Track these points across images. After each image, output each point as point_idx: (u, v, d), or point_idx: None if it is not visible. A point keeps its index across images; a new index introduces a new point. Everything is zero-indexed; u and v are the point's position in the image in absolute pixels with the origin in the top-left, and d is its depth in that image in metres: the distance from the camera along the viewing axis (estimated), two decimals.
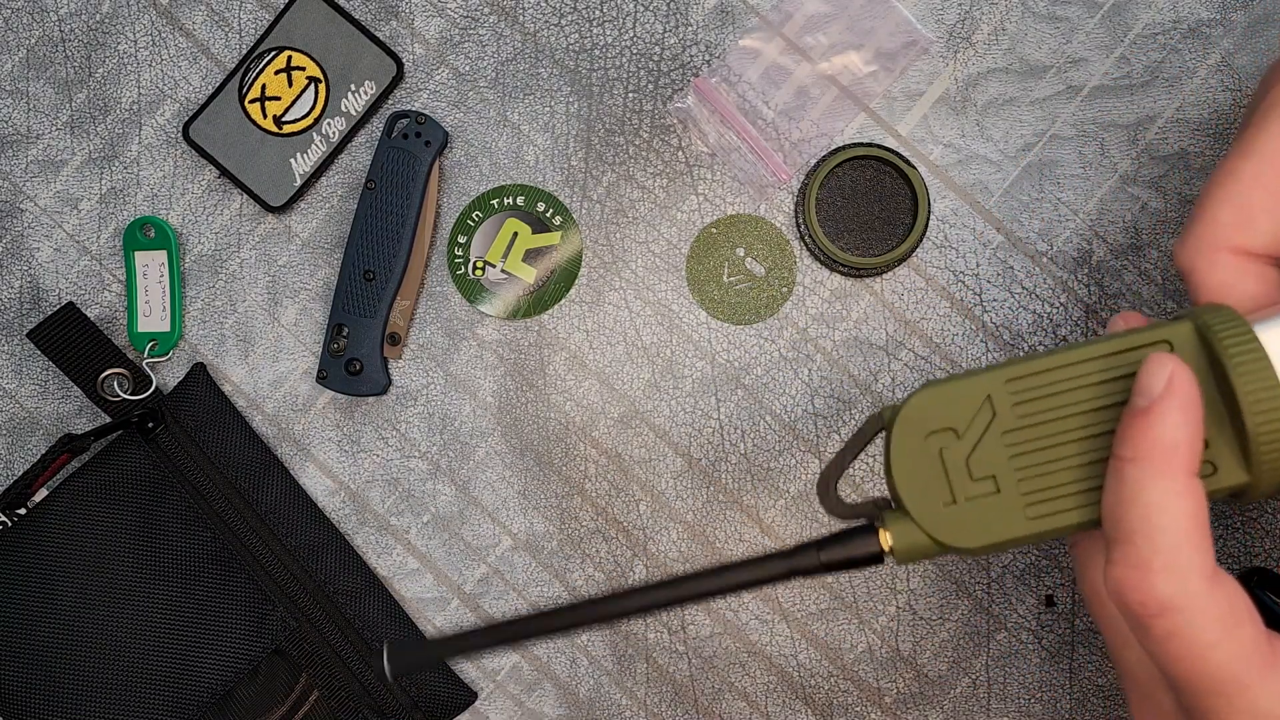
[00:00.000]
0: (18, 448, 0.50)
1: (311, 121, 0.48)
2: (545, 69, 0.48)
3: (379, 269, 0.47)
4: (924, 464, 0.28)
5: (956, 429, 0.28)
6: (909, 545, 0.28)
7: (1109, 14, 0.46)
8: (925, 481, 0.28)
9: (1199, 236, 0.30)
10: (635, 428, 0.48)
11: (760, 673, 0.48)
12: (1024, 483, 0.28)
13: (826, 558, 0.29)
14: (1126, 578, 0.26)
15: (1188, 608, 0.25)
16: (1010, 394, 0.28)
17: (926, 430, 0.29)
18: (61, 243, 0.50)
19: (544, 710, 0.48)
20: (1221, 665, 0.25)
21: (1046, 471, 0.28)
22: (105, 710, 0.46)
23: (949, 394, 0.29)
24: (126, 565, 0.47)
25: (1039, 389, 0.28)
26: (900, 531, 0.29)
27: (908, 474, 0.29)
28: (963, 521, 0.28)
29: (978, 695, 0.47)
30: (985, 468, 0.28)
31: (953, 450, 0.28)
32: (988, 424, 0.28)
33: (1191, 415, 0.26)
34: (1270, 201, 0.29)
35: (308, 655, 0.47)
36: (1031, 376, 0.28)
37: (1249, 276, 0.29)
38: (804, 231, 0.47)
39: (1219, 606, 0.25)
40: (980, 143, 0.47)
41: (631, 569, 0.48)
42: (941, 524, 0.28)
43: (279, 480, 0.48)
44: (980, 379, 0.29)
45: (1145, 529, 0.25)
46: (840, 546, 0.29)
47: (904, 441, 0.29)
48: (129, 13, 0.49)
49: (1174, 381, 0.26)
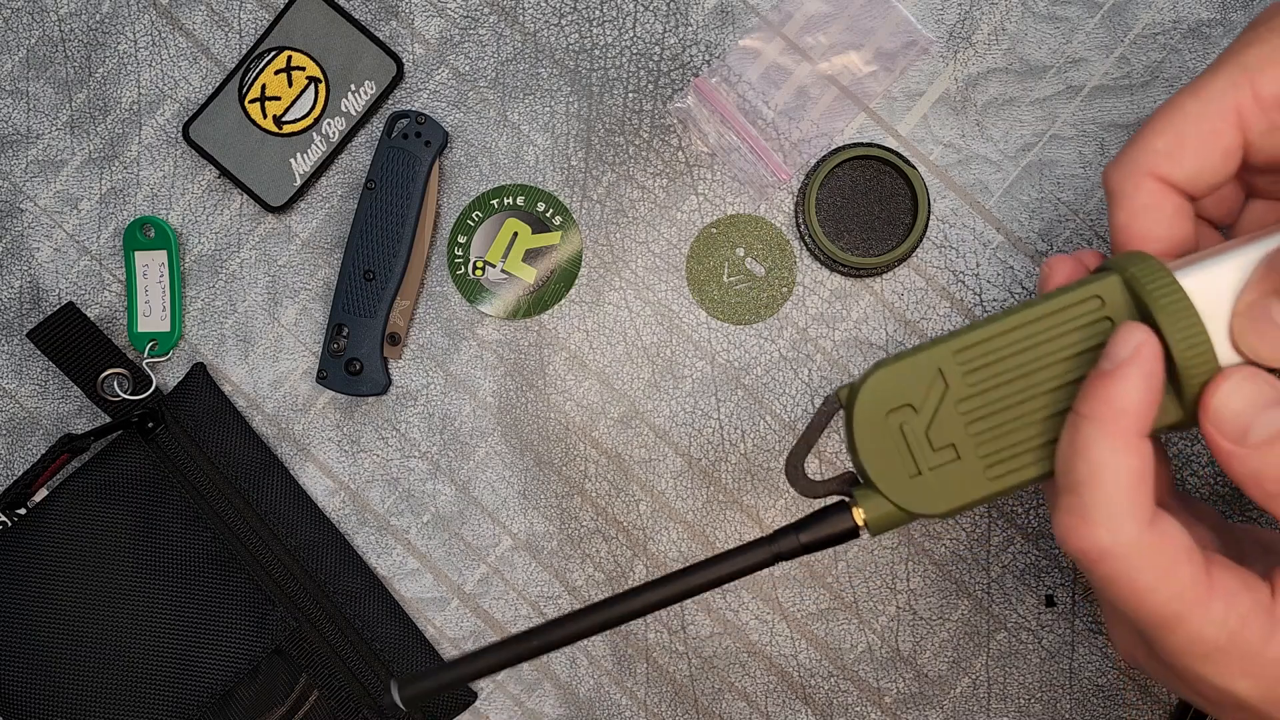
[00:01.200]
0: (18, 448, 0.50)
1: (311, 121, 0.48)
2: (545, 69, 0.48)
3: (379, 269, 0.47)
4: (887, 441, 0.30)
5: (913, 404, 0.30)
6: (880, 517, 0.30)
7: (1109, 14, 0.46)
8: (890, 457, 0.30)
9: (1131, 159, 0.32)
10: (635, 428, 0.48)
11: (760, 673, 0.48)
12: (981, 446, 0.30)
13: (806, 539, 0.30)
14: (1071, 525, 0.28)
15: (1124, 555, 0.27)
16: (959, 364, 0.30)
17: (885, 409, 0.30)
18: (61, 243, 0.50)
19: (544, 710, 0.48)
20: (1160, 605, 0.27)
21: (1001, 433, 0.30)
22: (105, 710, 0.46)
23: (902, 372, 0.30)
24: (126, 565, 0.47)
25: (984, 356, 0.30)
26: (872, 506, 0.30)
27: (873, 452, 0.30)
28: (929, 490, 0.30)
29: (978, 695, 0.47)
30: (944, 437, 0.30)
31: (912, 424, 0.30)
32: (942, 395, 0.30)
33: (1150, 384, 0.28)
34: (1202, 141, 0.31)
35: (308, 655, 0.47)
36: (977, 345, 0.30)
37: (1167, 205, 0.31)
38: (804, 231, 0.47)
39: (1154, 553, 0.27)
40: (980, 143, 0.47)
41: (632, 569, 0.48)
42: (909, 494, 0.30)
43: (279, 480, 0.48)
44: (930, 353, 0.30)
45: (1090, 481, 0.28)
46: (817, 526, 0.30)
47: (865, 422, 0.30)
48: (129, 13, 0.49)
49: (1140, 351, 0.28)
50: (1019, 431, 0.30)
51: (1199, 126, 0.31)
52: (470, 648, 0.49)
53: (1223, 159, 0.31)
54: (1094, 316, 0.30)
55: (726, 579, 0.30)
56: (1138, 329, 0.28)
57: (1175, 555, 0.28)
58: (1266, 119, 0.30)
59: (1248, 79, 0.30)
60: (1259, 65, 0.30)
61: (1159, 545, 0.27)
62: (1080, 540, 0.28)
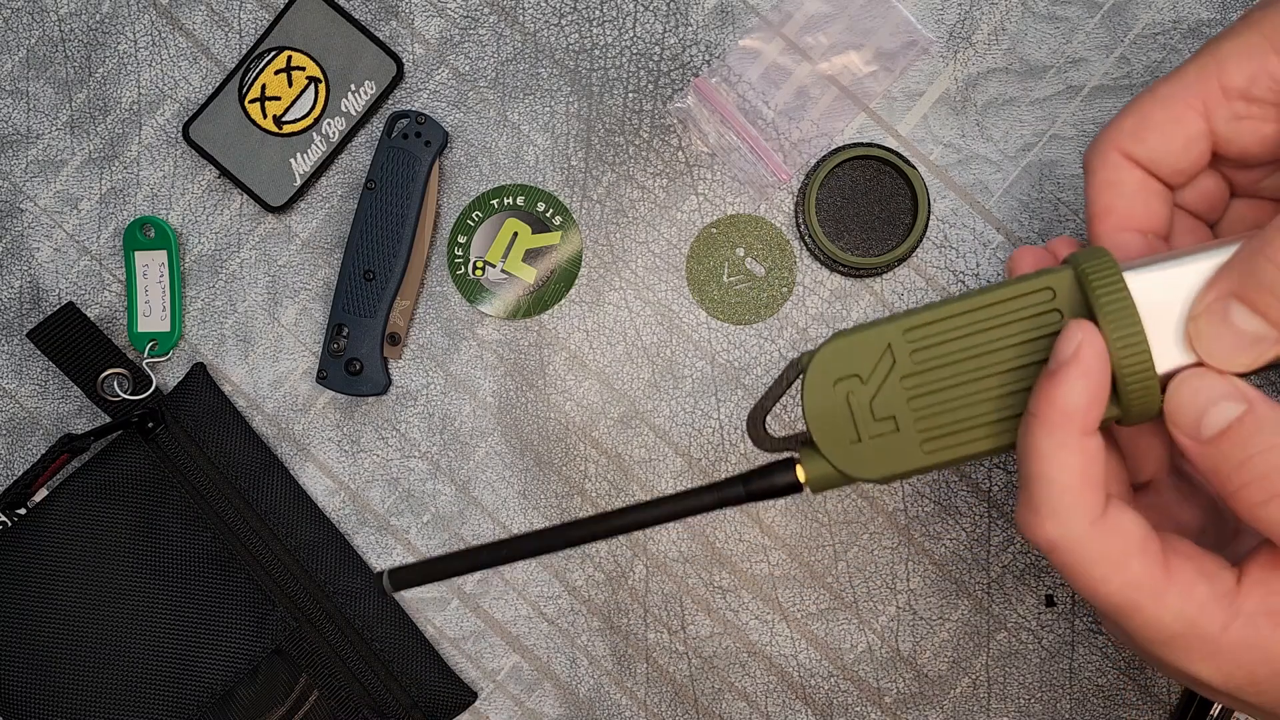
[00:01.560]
0: (18, 448, 0.50)
1: (311, 121, 0.48)
2: (545, 69, 0.48)
3: (379, 269, 0.47)
4: (834, 407, 0.32)
5: (861, 375, 0.32)
6: (820, 477, 0.32)
7: (1109, 14, 0.46)
8: (835, 422, 0.32)
9: (1101, 137, 0.33)
10: (635, 428, 0.48)
11: (760, 673, 0.48)
12: (920, 421, 0.31)
13: (750, 489, 0.32)
14: (1025, 518, 0.29)
15: (1074, 549, 0.29)
16: (908, 342, 0.31)
17: (835, 377, 0.32)
18: (61, 243, 0.50)
19: (544, 710, 0.48)
20: (1113, 595, 0.29)
21: (939, 411, 0.31)
22: (106, 710, 0.46)
23: (854, 344, 0.32)
24: (126, 565, 0.47)
25: (932, 337, 0.31)
26: (813, 466, 0.32)
27: (820, 416, 0.32)
28: (866, 456, 0.32)
29: (978, 695, 0.47)
30: (886, 409, 0.31)
31: (858, 394, 0.32)
32: (889, 370, 0.31)
33: (1092, 383, 0.28)
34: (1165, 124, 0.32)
35: (308, 655, 0.47)
36: (926, 326, 0.31)
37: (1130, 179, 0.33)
38: (804, 231, 0.47)
39: (1104, 546, 0.28)
40: (980, 143, 0.47)
41: (632, 569, 0.48)
42: (848, 459, 0.32)
43: (279, 480, 0.48)
44: (882, 329, 0.31)
45: (1038, 478, 0.29)
46: (762, 479, 0.32)
47: (816, 387, 0.32)
48: (129, 13, 0.49)
49: (1080, 350, 0.29)
50: (957, 411, 0.31)
51: (1165, 110, 0.32)
52: (470, 647, 0.49)
53: (1184, 144, 0.32)
54: (1043, 308, 0.30)
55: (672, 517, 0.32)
56: (1079, 328, 0.29)
57: (1126, 548, 0.29)
58: (1230, 108, 0.31)
59: (1216, 68, 0.31)
60: (1229, 55, 0.31)
61: (1108, 539, 0.29)
62: (1033, 532, 0.29)
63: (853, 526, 0.47)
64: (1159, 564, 0.29)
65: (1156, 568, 0.29)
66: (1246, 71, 0.31)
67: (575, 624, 0.48)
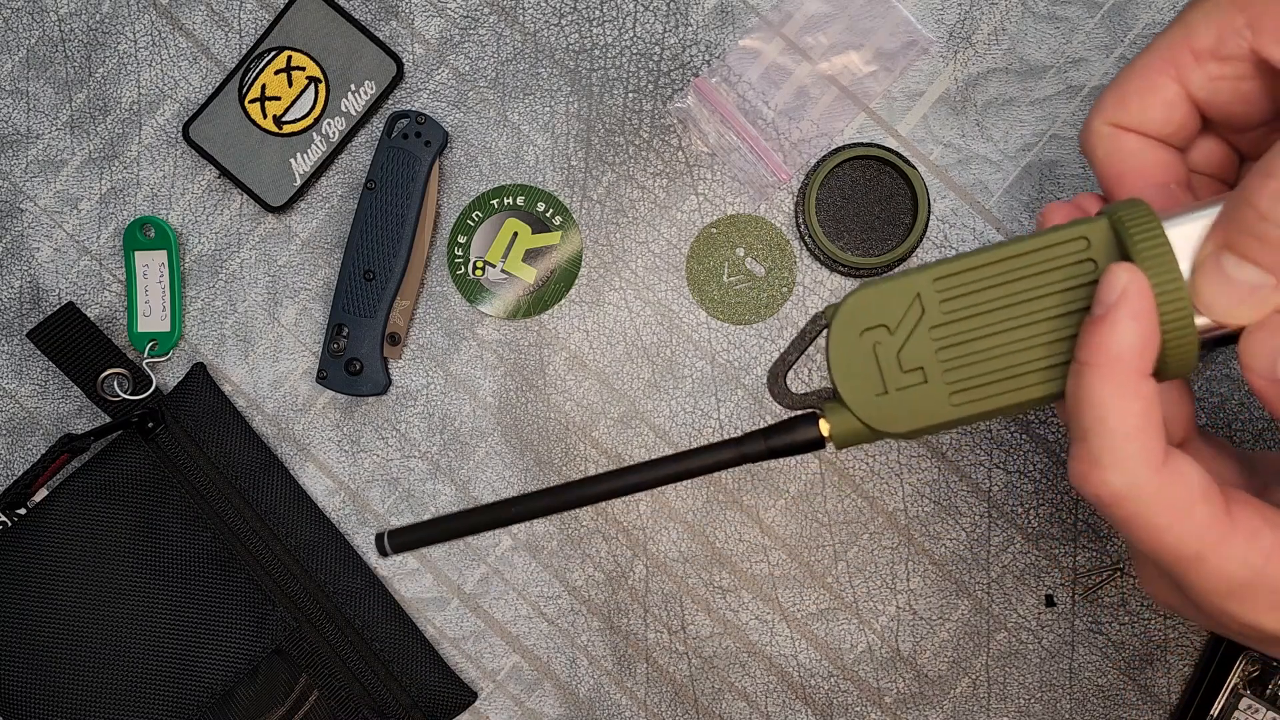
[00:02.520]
0: (18, 448, 0.50)
1: (311, 121, 0.48)
2: (545, 69, 0.48)
3: (379, 269, 0.47)
4: (859, 358, 0.31)
5: (889, 325, 0.31)
6: (845, 431, 0.31)
7: (1109, 14, 0.46)
8: (860, 374, 0.31)
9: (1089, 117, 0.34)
10: (635, 428, 0.48)
11: (760, 673, 0.48)
12: (949, 373, 0.30)
13: (771, 444, 0.31)
14: (1083, 472, 0.28)
15: (1138, 498, 0.28)
16: (937, 292, 0.30)
17: (861, 327, 0.31)
18: (61, 243, 0.50)
19: (544, 710, 0.48)
20: (1177, 543, 0.28)
21: (969, 363, 0.30)
22: (106, 710, 0.46)
23: (882, 293, 0.31)
24: (126, 565, 0.47)
25: (962, 286, 0.30)
26: (837, 419, 0.31)
27: (845, 367, 0.31)
28: (893, 409, 0.31)
29: (978, 695, 0.47)
30: (914, 360, 0.31)
31: (885, 345, 0.31)
32: (917, 320, 0.31)
33: (1143, 324, 0.28)
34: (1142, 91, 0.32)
35: (308, 655, 0.47)
36: (956, 275, 0.30)
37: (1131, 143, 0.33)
38: (804, 231, 0.47)
39: (1169, 494, 0.28)
40: (980, 143, 0.47)
41: (632, 569, 0.48)
42: (874, 412, 0.31)
43: (279, 480, 0.48)
44: (911, 278, 0.31)
45: (1097, 428, 0.28)
46: (784, 434, 0.31)
47: (841, 338, 0.31)
48: (129, 13, 0.49)
49: (1127, 291, 0.28)
50: (987, 363, 0.30)
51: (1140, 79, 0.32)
52: (470, 647, 0.49)
53: (1164, 109, 0.32)
54: (1078, 257, 0.30)
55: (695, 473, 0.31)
56: (1123, 270, 0.28)
57: (1190, 495, 0.28)
58: (1203, 70, 0.32)
59: (1184, 33, 0.31)
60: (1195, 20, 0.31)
61: (1173, 486, 0.28)
62: (1094, 486, 0.28)
63: (853, 526, 0.47)
64: (1223, 511, 0.28)
65: (1221, 514, 0.28)
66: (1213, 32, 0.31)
67: (575, 624, 0.48)
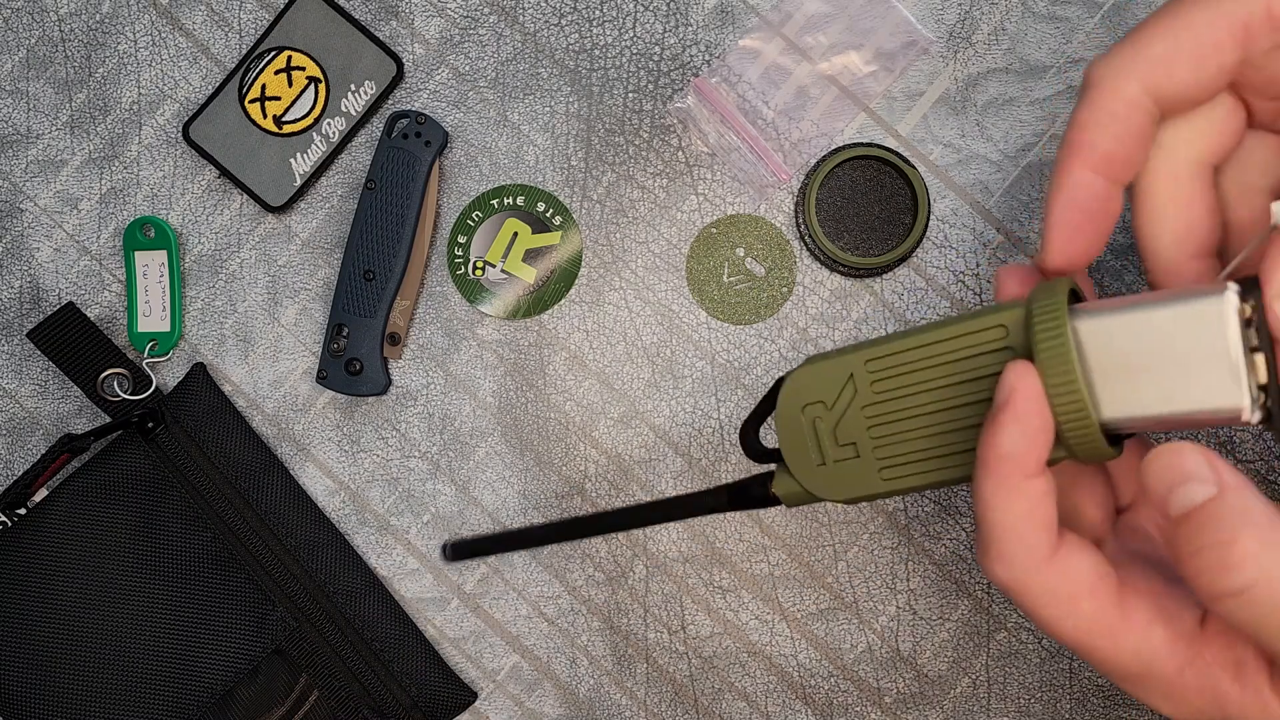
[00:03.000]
0: (18, 448, 0.50)
1: (311, 121, 0.48)
2: (545, 69, 0.48)
3: (379, 269, 0.47)
4: (801, 430, 0.33)
5: (825, 401, 0.33)
6: (791, 494, 0.34)
7: (1109, 14, 0.46)
8: (802, 445, 0.33)
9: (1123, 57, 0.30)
10: (635, 428, 0.48)
11: (760, 673, 0.48)
12: (878, 449, 0.32)
13: (731, 498, 0.35)
14: (979, 558, 0.30)
15: (1025, 591, 0.29)
16: (869, 372, 0.32)
17: (804, 402, 0.33)
18: (61, 243, 0.50)
19: (544, 710, 0.48)
20: (1069, 634, 0.29)
21: (896, 441, 0.32)
22: (105, 710, 0.46)
23: (821, 372, 0.33)
24: (126, 565, 0.47)
25: (891, 369, 0.32)
26: (785, 483, 0.34)
27: (789, 438, 0.34)
28: (830, 479, 0.33)
29: (978, 695, 0.47)
30: (848, 435, 0.33)
31: (823, 420, 0.33)
32: (851, 398, 0.33)
33: (1028, 426, 0.28)
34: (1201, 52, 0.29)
35: (308, 655, 0.47)
36: (885, 357, 0.32)
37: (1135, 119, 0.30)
38: (804, 231, 0.47)
39: (1056, 588, 0.28)
40: (980, 143, 0.47)
41: (632, 569, 0.48)
42: (814, 480, 0.33)
43: (279, 480, 0.48)
44: (846, 358, 0.33)
45: (984, 520, 0.29)
46: (742, 491, 0.35)
47: (786, 411, 0.34)
48: (129, 13, 0.49)
49: (1013, 396, 0.28)
50: (911, 442, 0.32)
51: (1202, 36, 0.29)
52: (470, 647, 0.49)
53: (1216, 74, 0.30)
54: (995, 345, 0.30)
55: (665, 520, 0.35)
56: (1015, 372, 0.28)
57: (1076, 590, 0.28)
58: (1273, 37, 0.29)
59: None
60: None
61: (1058, 579, 0.28)
62: (987, 574, 0.30)
63: (853, 526, 0.47)
64: (1113, 604, 0.29)
65: (1110, 608, 0.29)
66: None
67: (575, 624, 0.48)
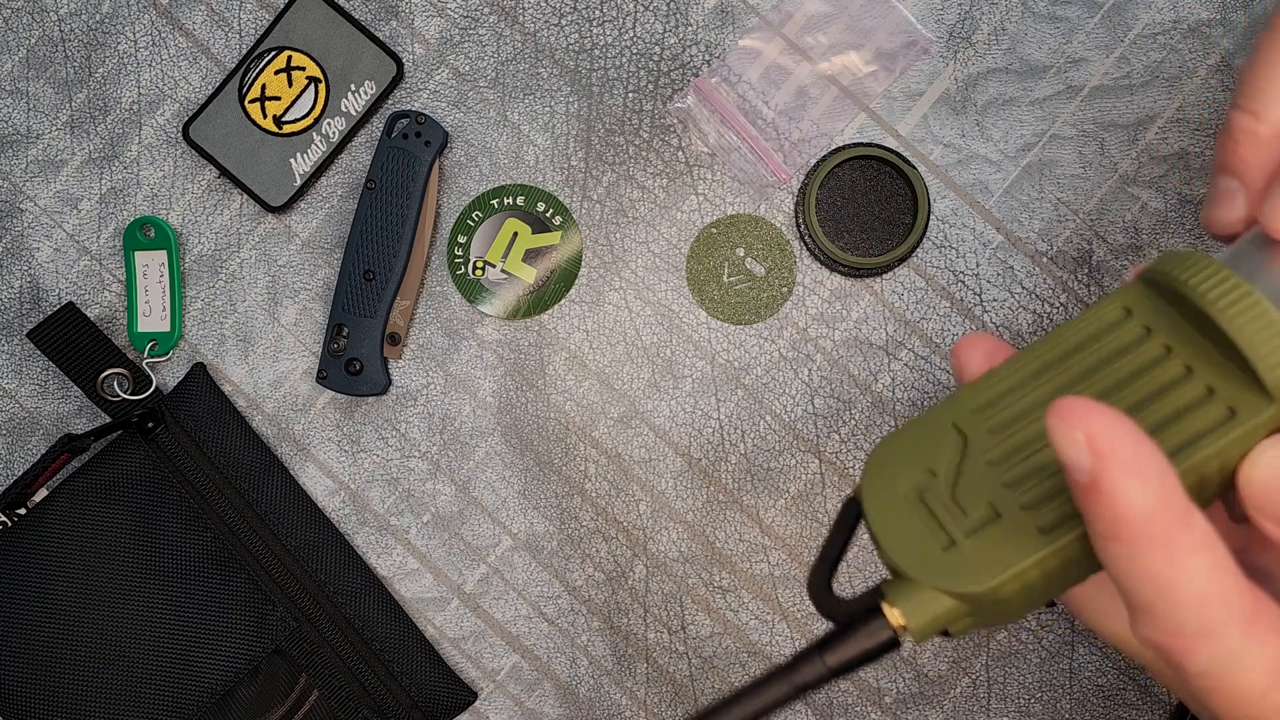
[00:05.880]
0: (18, 448, 0.50)
1: (311, 121, 0.48)
2: (545, 69, 0.48)
3: (379, 269, 0.47)
4: (909, 518, 0.26)
5: (931, 469, 0.26)
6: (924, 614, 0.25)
7: (1109, 14, 0.46)
8: (916, 535, 0.25)
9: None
10: (635, 428, 0.48)
11: (760, 672, 0.48)
12: (1022, 496, 0.25)
13: (834, 660, 0.25)
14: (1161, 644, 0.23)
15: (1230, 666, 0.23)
16: (974, 414, 0.26)
17: (898, 483, 0.26)
18: (61, 243, 0.50)
19: (544, 710, 0.48)
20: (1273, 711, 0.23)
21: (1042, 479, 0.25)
22: (106, 710, 0.46)
23: (908, 438, 0.27)
24: (126, 565, 0.47)
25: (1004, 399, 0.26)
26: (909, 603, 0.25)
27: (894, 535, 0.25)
28: (968, 560, 0.25)
29: (978, 695, 0.47)
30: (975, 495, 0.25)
31: (933, 491, 0.26)
32: (962, 451, 0.26)
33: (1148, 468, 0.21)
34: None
35: (308, 655, 0.47)
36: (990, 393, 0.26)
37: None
38: (804, 231, 0.47)
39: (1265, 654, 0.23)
40: (980, 143, 0.47)
41: (632, 569, 0.48)
42: (948, 571, 0.25)
43: (279, 480, 0.48)
44: (936, 413, 0.27)
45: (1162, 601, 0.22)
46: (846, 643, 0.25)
47: (878, 501, 0.26)
48: (129, 13, 0.49)
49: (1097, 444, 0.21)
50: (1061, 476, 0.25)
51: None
52: (470, 647, 0.48)
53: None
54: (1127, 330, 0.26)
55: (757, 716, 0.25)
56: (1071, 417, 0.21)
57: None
58: None
59: None
60: None
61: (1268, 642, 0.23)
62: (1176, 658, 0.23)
63: None
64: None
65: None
66: None
67: (575, 624, 0.48)
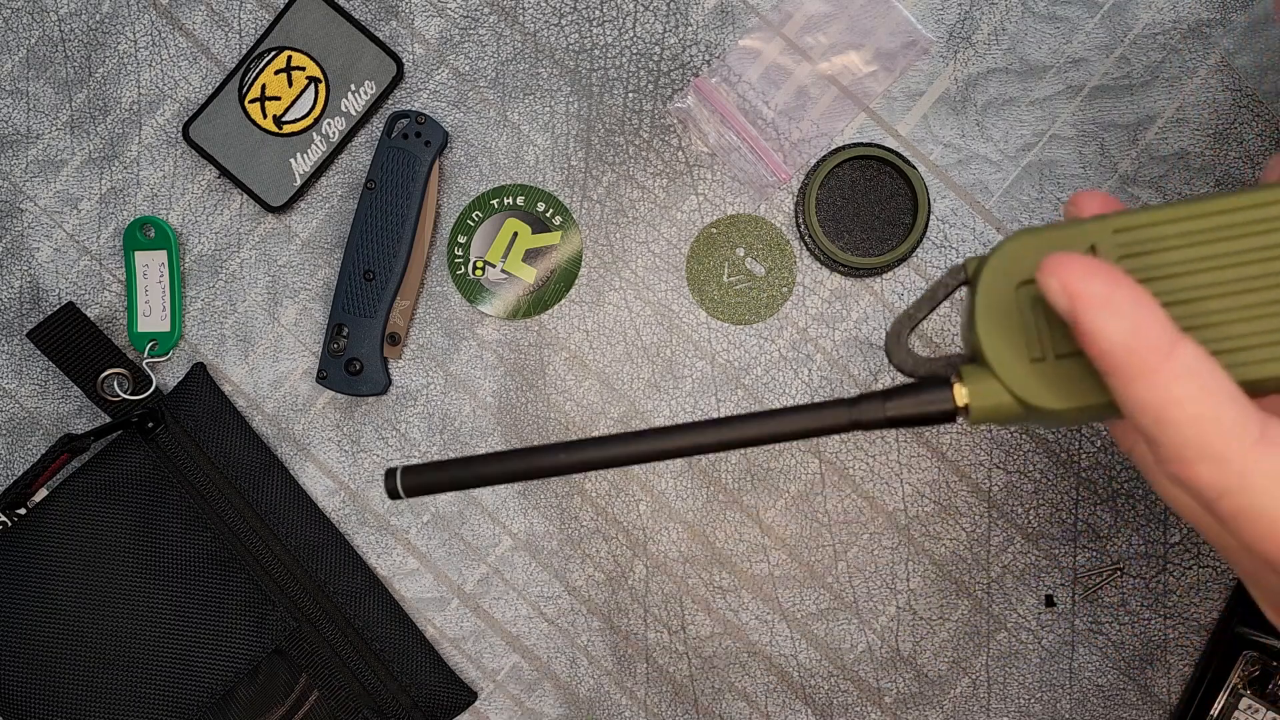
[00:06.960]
0: (18, 448, 0.50)
1: (311, 121, 0.48)
2: (545, 69, 0.48)
3: (379, 269, 0.47)
4: (1012, 315, 0.26)
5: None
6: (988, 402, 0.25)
7: (1109, 14, 0.46)
8: (1012, 334, 0.25)
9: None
10: (635, 427, 0.48)
11: (760, 673, 0.48)
12: None
13: (893, 411, 0.26)
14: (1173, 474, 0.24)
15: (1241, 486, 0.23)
16: (1117, 245, 0.25)
17: (1018, 279, 0.26)
18: (61, 243, 0.50)
19: (544, 710, 0.48)
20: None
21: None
22: (106, 710, 0.46)
23: (1048, 240, 0.26)
24: (126, 565, 0.47)
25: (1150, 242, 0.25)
26: (980, 388, 0.26)
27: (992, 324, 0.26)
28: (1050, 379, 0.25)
29: (978, 695, 0.47)
30: None
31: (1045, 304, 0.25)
32: None
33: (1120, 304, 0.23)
34: None
35: (308, 655, 0.47)
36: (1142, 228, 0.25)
37: None
38: (804, 231, 0.47)
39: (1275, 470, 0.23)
40: (980, 143, 0.47)
41: (632, 569, 0.48)
42: (1027, 381, 0.25)
43: (279, 480, 0.48)
44: (1084, 228, 0.26)
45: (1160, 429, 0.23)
46: (909, 398, 0.26)
47: (992, 289, 0.26)
48: (129, 13, 0.49)
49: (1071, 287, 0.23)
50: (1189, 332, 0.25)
51: None
52: (470, 647, 0.49)
53: None
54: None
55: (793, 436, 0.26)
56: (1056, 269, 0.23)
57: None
58: None
59: None
60: None
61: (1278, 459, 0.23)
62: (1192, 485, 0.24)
63: (853, 526, 0.47)
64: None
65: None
66: None
67: (575, 624, 0.48)
